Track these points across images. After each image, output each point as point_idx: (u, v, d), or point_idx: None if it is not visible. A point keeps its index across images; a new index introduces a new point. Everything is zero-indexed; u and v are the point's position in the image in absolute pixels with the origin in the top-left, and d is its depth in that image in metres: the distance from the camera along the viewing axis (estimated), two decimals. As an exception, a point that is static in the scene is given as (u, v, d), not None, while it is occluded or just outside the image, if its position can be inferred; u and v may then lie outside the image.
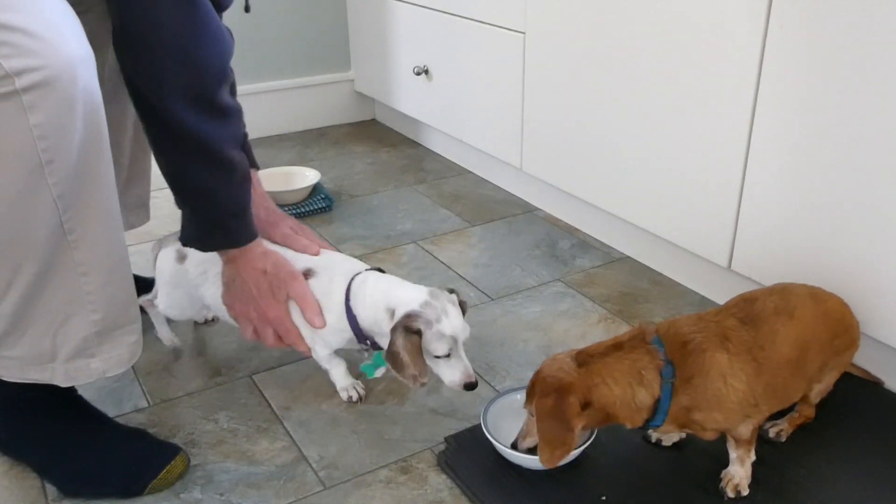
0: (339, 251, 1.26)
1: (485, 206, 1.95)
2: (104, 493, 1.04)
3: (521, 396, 1.10)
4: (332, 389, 1.24)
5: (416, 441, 1.14)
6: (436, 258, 1.68)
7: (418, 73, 2.15)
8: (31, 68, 0.78)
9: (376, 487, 1.06)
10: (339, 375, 1.22)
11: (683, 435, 1.09)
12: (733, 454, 1.01)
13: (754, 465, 1.01)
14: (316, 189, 1.96)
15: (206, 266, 1.19)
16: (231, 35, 1.14)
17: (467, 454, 1.09)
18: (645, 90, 1.45)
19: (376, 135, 2.51)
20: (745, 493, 1.01)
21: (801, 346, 0.99)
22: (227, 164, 1.03)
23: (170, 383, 1.27)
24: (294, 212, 1.88)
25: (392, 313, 1.08)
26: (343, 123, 2.62)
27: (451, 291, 1.12)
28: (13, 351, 0.94)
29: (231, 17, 2.51)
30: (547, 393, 0.93)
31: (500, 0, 1.78)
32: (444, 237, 1.78)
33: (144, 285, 1.28)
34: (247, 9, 1.24)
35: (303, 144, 2.41)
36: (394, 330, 1.06)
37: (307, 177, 1.97)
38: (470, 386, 1.08)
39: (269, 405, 1.22)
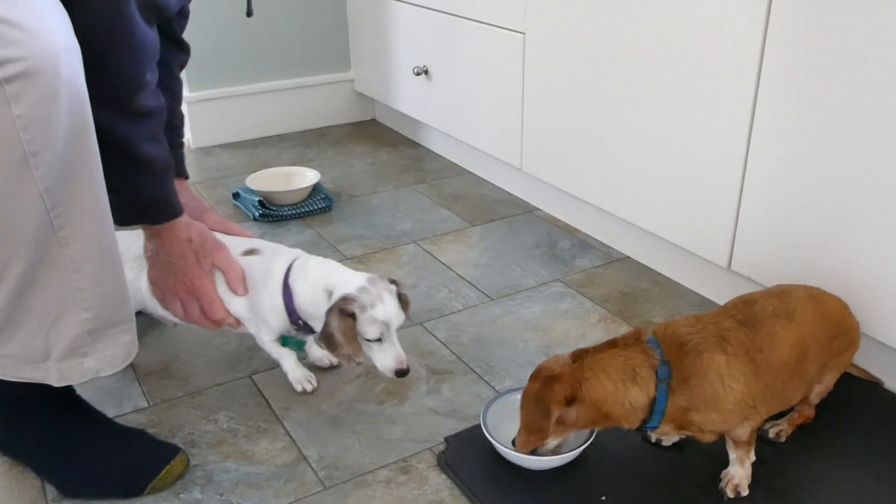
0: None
1: (485, 206, 1.95)
2: (104, 493, 1.04)
3: (520, 396, 1.10)
4: (332, 389, 1.25)
5: (416, 441, 1.14)
6: (436, 258, 1.68)
7: (418, 74, 2.15)
8: (14, 58, 0.78)
9: (376, 487, 1.06)
10: (291, 366, 1.24)
11: (683, 435, 1.09)
12: (733, 455, 1.01)
13: (754, 465, 1.01)
14: (316, 189, 1.96)
15: (142, 261, 1.19)
16: (181, 43, 1.14)
17: (467, 454, 1.09)
18: (645, 90, 1.45)
19: (376, 135, 2.51)
20: (745, 493, 1.01)
21: (801, 348, 0.99)
22: (141, 159, 1.03)
23: (170, 383, 1.27)
24: (294, 212, 1.88)
25: (330, 294, 1.11)
26: (343, 123, 2.62)
27: (392, 282, 1.15)
28: (7, 349, 0.94)
29: (231, 18, 2.52)
30: (536, 380, 0.95)
31: (500, 0, 1.78)
32: (444, 237, 1.78)
33: None
34: (249, 13, 1.24)
35: (303, 144, 2.41)
36: (329, 311, 1.09)
37: (307, 177, 1.97)
38: (401, 373, 1.12)
39: (269, 405, 1.22)
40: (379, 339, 1.11)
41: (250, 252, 1.20)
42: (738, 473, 1.01)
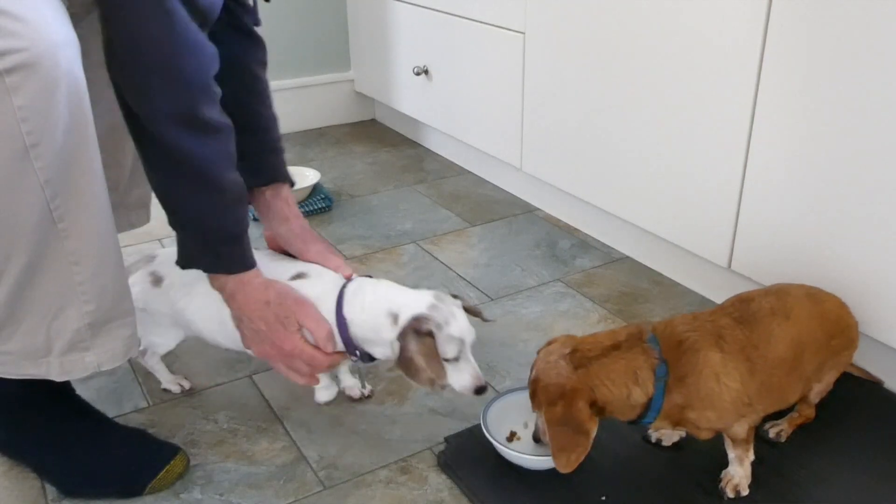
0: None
1: (485, 206, 1.95)
2: (104, 493, 1.04)
3: (520, 396, 1.10)
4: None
5: (416, 441, 1.14)
6: (436, 258, 1.68)
7: (418, 74, 2.15)
8: (14, 50, 0.78)
9: (376, 487, 1.06)
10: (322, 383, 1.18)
11: (683, 434, 1.09)
12: (732, 454, 1.01)
13: (754, 465, 1.01)
14: (316, 189, 1.96)
15: (191, 287, 1.12)
16: (254, 37, 1.12)
17: (467, 454, 1.09)
18: (645, 90, 1.45)
19: (376, 135, 2.51)
20: (745, 493, 1.01)
21: (797, 346, 0.99)
22: (213, 183, 0.98)
23: (170, 383, 1.27)
24: (294, 212, 1.87)
25: (395, 318, 1.03)
26: (343, 123, 2.62)
27: (455, 297, 1.09)
28: (8, 345, 0.93)
29: (231, 17, 2.47)
30: (553, 401, 0.93)
31: (499, 0, 1.78)
32: (444, 237, 1.78)
33: None
34: None
35: (303, 144, 2.42)
36: (403, 335, 1.02)
37: (307, 177, 1.97)
38: (480, 390, 1.04)
39: (269, 405, 1.22)
40: (456, 358, 1.03)
41: (298, 276, 1.11)
42: (738, 473, 1.01)
